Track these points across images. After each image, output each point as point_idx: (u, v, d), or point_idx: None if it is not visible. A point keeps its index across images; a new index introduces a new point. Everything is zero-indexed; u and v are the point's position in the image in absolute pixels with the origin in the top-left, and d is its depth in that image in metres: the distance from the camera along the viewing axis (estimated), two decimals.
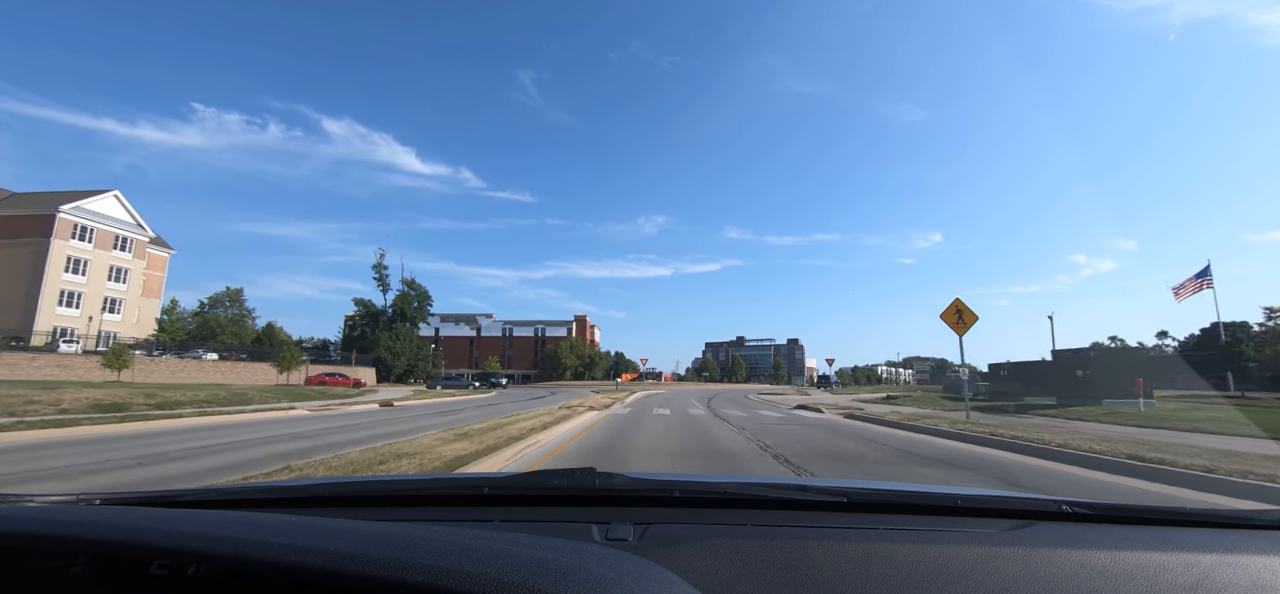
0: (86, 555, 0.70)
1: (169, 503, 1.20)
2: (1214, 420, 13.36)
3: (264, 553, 0.64)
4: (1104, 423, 14.09)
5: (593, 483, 1.21)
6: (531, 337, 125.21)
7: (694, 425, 13.85)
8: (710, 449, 9.38)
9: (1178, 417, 14.52)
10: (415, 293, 75.02)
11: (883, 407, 23.23)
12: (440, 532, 0.74)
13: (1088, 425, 13.37)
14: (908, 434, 12.17)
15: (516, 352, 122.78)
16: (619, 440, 10.58)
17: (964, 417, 14.46)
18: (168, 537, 0.70)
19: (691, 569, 0.79)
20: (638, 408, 21.77)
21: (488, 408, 23.59)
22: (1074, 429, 11.88)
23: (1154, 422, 13.68)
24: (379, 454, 7.34)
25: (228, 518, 0.82)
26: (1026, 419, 15.43)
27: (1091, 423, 14.13)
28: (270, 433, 12.48)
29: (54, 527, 0.75)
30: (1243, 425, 12.25)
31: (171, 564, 0.67)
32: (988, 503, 1.19)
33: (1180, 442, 9.47)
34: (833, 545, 0.89)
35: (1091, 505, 1.10)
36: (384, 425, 14.80)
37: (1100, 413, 16.64)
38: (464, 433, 10.26)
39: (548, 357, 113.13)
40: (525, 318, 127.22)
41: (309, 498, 1.29)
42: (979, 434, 10.54)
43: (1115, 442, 8.91)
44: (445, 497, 1.28)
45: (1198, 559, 0.84)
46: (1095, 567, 0.81)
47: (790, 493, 1.25)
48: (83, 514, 0.84)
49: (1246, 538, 0.94)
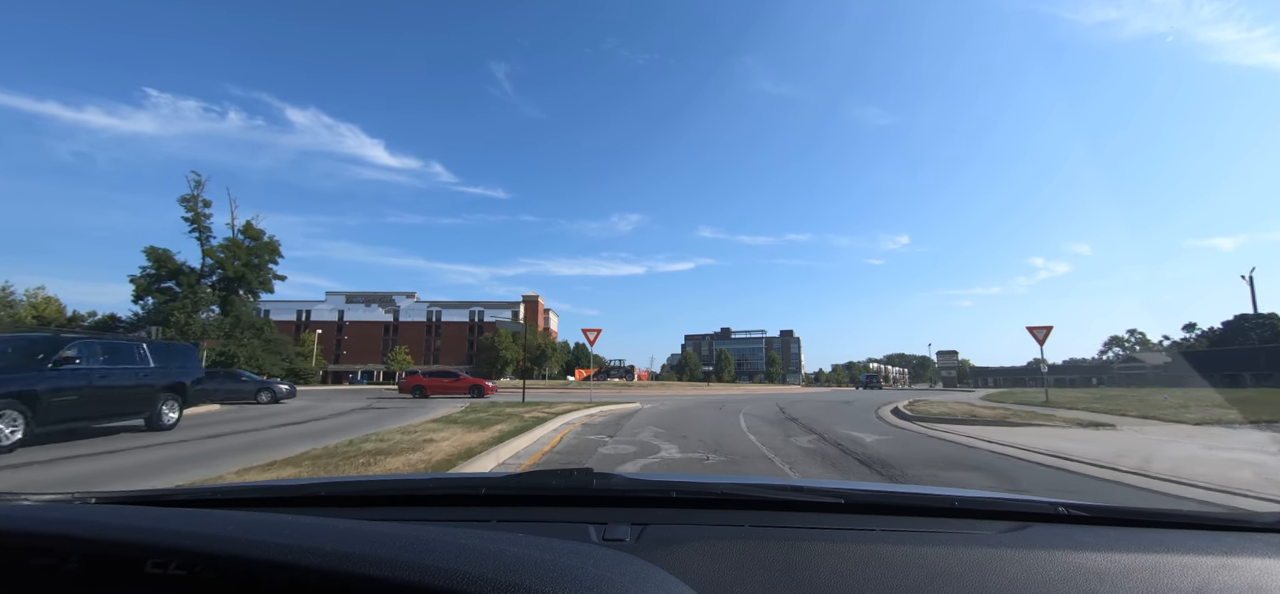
0: (80, 554, 0.70)
1: (164, 502, 1.21)
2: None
3: (260, 552, 0.64)
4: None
5: (590, 483, 1.21)
6: (466, 321, 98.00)
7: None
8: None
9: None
10: (253, 248, 47.90)
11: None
12: (437, 531, 0.73)
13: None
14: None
15: (447, 341, 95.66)
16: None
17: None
18: (162, 536, 0.69)
19: (689, 570, 0.78)
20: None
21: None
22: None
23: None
24: None
25: (222, 517, 0.82)
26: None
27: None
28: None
29: (47, 525, 0.75)
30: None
31: (165, 564, 0.67)
32: (984, 505, 1.18)
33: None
34: (830, 547, 0.89)
35: (1088, 507, 1.09)
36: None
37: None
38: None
39: (484, 347, 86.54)
40: (461, 298, 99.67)
41: (305, 497, 1.26)
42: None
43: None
44: (442, 496, 1.27)
45: (1196, 561, 0.83)
46: (1093, 569, 0.81)
47: (787, 494, 1.23)
48: (77, 513, 0.83)
49: (1245, 541, 0.93)
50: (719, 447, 8.47)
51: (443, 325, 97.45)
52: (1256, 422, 11.66)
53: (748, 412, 16.10)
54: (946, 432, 10.69)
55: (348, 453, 6.81)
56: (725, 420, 13.07)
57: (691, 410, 16.91)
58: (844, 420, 13.26)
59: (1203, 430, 10.42)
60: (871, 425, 12.09)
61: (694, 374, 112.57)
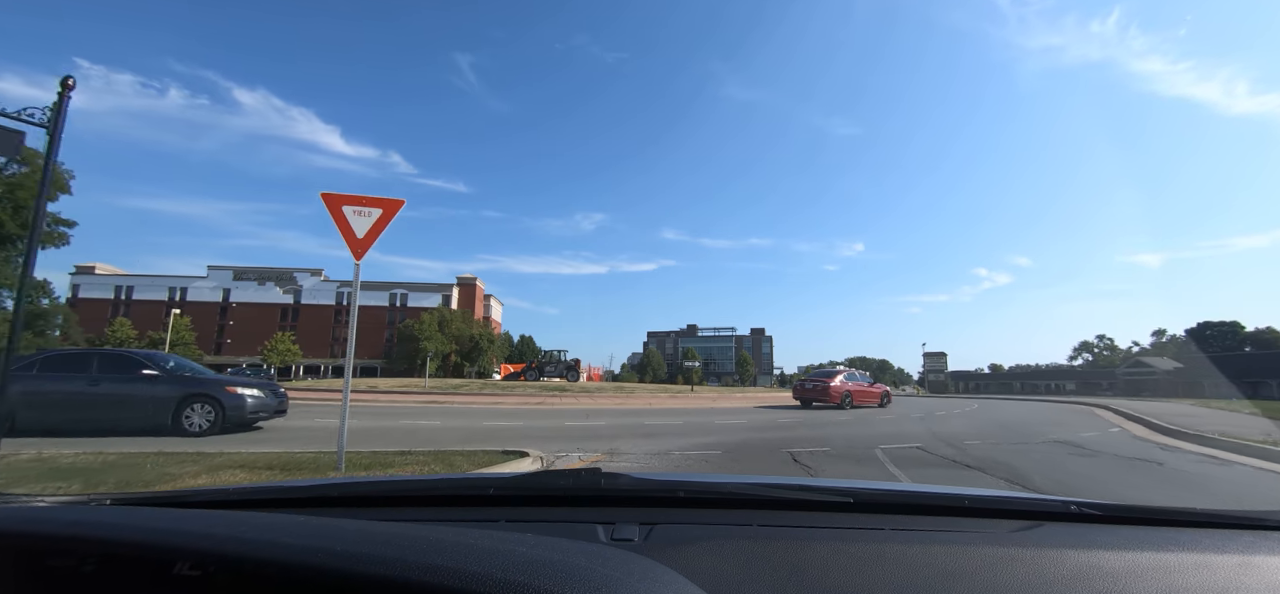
0: (97, 556, 0.71)
1: (178, 503, 1.21)
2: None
3: (272, 553, 0.65)
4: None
5: (598, 483, 1.18)
6: (385, 306, 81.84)
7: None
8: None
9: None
10: (15, 180, 32.29)
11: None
12: (446, 531, 0.74)
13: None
14: None
15: (362, 330, 79.26)
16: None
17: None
18: (176, 537, 0.70)
19: (697, 570, 0.77)
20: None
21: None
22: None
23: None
24: None
25: (236, 518, 0.82)
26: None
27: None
28: None
29: (64, 527, 0.75)
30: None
31: (181, 564, 0.68)
32: (995, 503, 1.17)
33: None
34: (839, 546, 0.88)
35: (1101, 506, 1.08)
36: None
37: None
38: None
39: (404, 335, 71.10)
40: (383, 279, 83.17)
41: (317, 498, 1.26)
42: None
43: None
44: (451, 497, 1.26)
45: (1211, 560, 0.82)
46: (1106, 568, 0.79)
47: (796, 493, 1.22)
48: (93, 514, 0.84)
49: (1262, 539, 0.92)
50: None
51: (357, 309, 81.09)
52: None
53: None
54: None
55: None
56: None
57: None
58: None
59: None
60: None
61: (657, 374, 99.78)
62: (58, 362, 8.89)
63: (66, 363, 8.90)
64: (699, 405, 19.50)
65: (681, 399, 22.63)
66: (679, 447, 8.11)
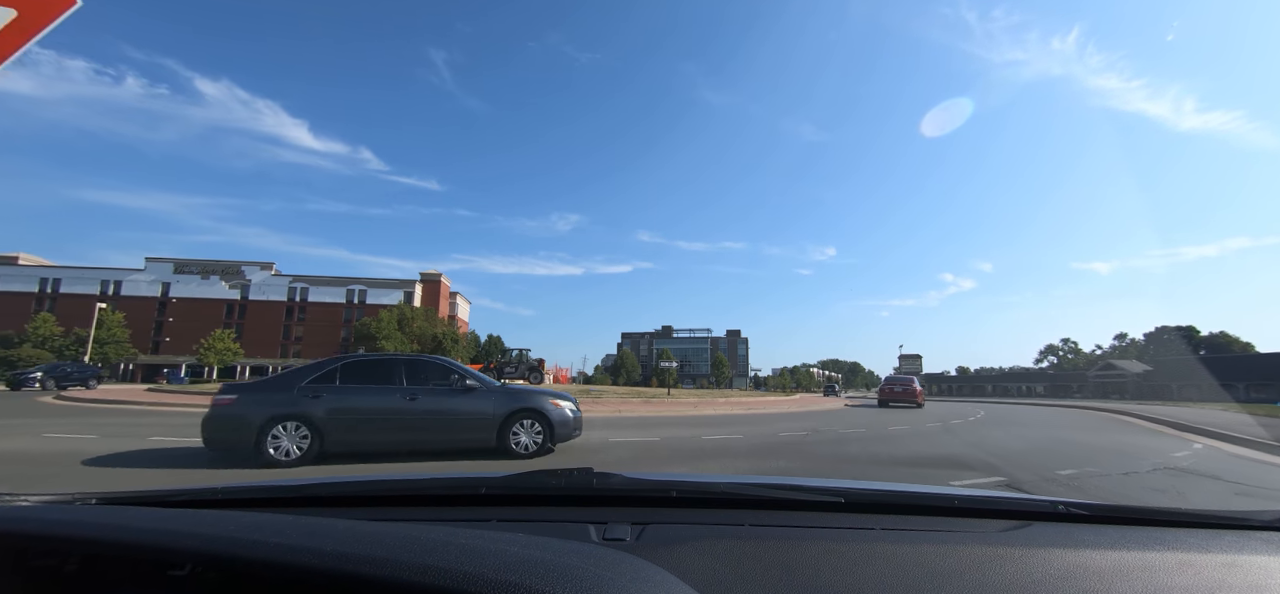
0: (80, 555, 0.71)
1: (164, 503, 1.19)
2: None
3: (259, 553, 0.64)
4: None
5: (590, 483, 1.20)
6: (341, 303, 76.86)
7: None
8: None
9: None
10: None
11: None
12: (436, 531, 0.74)
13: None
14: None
15: (313, 326, 74.32)
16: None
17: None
18: (162, 537, 0.69)
19: (689, 569, 0.78)
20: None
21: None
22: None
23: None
24: None
25: (223, 518, 0.82)
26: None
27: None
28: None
29: (47, 526, 0.75)
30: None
31: (166, 564, 0.67)
32: (984, 503, 1.18)
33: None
34: (830, 546, 0.89)
35: (1088, 506, 1.09)
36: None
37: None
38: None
39: (361, 334, 66.48)
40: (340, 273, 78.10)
41: (305, 498, 1.24)
42: None
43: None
44: (442, 496, 1.25)
45: (1196, 560, 0.84)
46: (1092, 567, 0.81)
47: (787, 493, 1.22)
48: (77, 513, 0.83)
49: (1245, 539, 0.93)
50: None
51: (309, 306, 76.06)
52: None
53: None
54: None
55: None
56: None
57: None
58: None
59: None
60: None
61: (631, 376, 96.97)
62: (359, 371, 7.04)
63: (369, 372, 7.11)
64: (678, 413, 16.57)
65: (656, 405, 19.59)
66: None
